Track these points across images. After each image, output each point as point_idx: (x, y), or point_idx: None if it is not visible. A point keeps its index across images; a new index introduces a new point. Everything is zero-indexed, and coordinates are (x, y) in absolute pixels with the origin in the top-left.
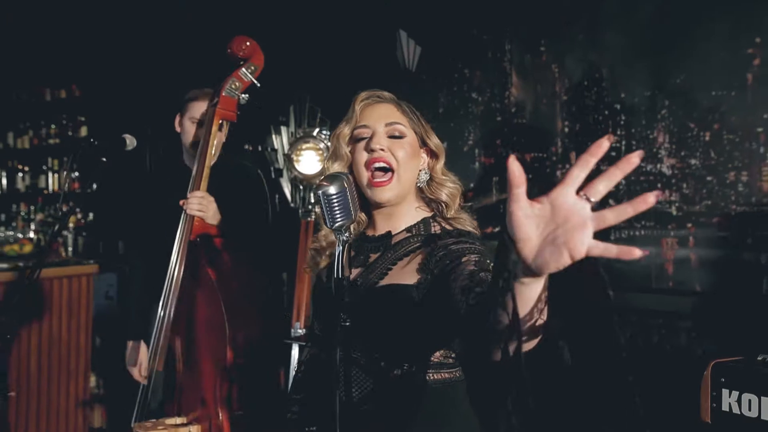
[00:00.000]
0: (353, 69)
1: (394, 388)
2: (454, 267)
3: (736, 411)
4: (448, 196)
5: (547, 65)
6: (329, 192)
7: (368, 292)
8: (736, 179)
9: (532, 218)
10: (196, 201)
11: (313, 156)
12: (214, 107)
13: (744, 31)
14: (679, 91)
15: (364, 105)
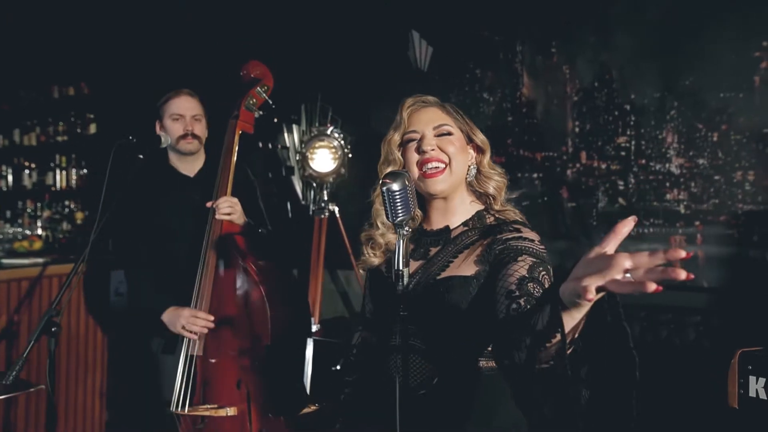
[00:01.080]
0: (365, 69)
1: (451, 375)
2: (509, 262)
3: (763, 396)
4: (495, 188)
5: (558, 66)
6: (393, 189)
7: (429, 283)
8: (743, 178)
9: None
10: (226, 204)
11: (327, 154)
12: (236, 119)
13: (752, 35)
14: (687, 93)
15: (411, 111)
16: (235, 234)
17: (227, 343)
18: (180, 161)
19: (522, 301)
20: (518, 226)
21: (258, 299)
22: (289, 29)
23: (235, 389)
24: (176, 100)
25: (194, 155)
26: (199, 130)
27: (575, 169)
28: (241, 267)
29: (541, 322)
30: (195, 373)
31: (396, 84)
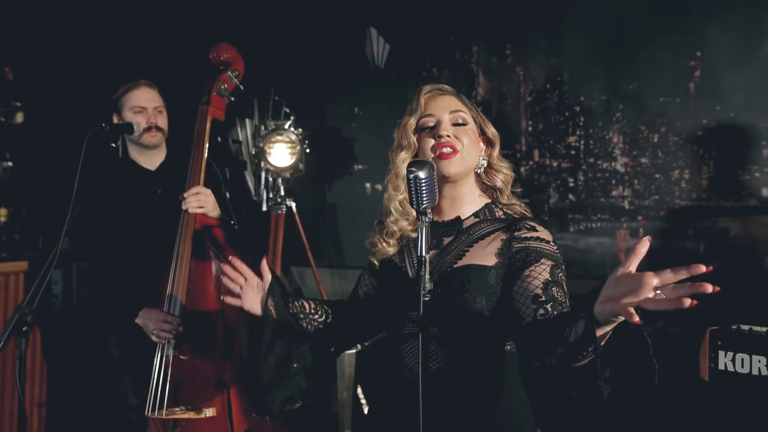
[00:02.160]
0: (321, 64)
1: (467, 361)
2: (531, 264)
3: (731, 369)
4: (502, 182)
5: (513, 68)
6: (420, 176)
7: (446, 271)
8: (680, 177)
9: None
10: (194, 198)
11: (285, 149)
12: (206, 105)
13: (687, 46)
14: (631, 97)
15: (428, 97)
16: (211, 227)
17: (205, 341)
18: (141, 155)
19: (549, 306)
20: (533, 224)
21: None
22: (243, 20)
23: (213, 389)
24: (136, 92)
25: (156, 148)
26: (162, 122)
27: (528, 167)
28: (217, 262)
29: (575, 334)
30: (170, 375)
31: (352, 80)
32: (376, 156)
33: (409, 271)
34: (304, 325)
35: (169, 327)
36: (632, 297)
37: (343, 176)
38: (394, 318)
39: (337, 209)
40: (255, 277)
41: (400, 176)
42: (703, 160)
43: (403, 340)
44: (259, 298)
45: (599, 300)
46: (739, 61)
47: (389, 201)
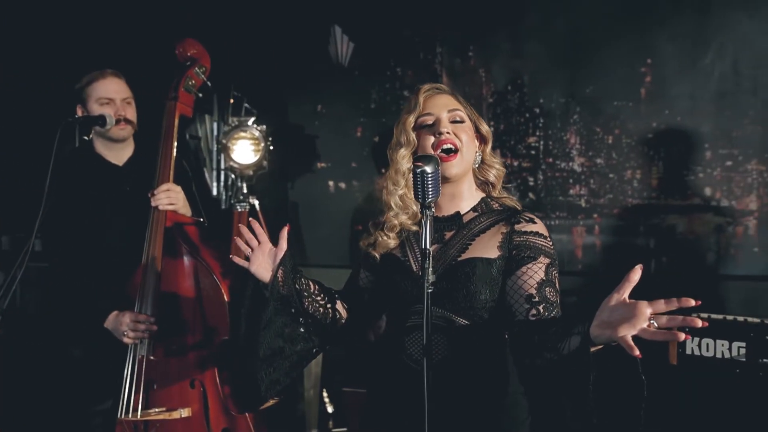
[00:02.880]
0: (284, 61)
1: (473, 351)
2: (529, 262)
3: (697, 353)
4: (495, 176)
5: (475, 69)
6: (427, 171)
7: (451, 264)
8: (632, 176)
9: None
10: (164, 195)
11: (248, 146)
12: (174, 101)
13: (639, 53)
14: (588, 100)
15: (427, 96)
16: (182, 224)
17: (179, 341)
18: (108, 149)
19: (541, 308)
20: (531, 216)
21: (213, 291)
22: (203, 14)
23: (188, 388)
24: (103, 82)
25: (124, 142)
26: (131, 114)
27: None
28: (191, 259)
29: (568, 348)
30: (143, 376)
31: (316, 78)
32: (340, 154)
33: (413, 265)
34: (305, 304)
35: (143, 327)
36: (629, 326)
37: (305, 174)
38: (396, 310)
39: (299, 207)
40: (269, 243)
41: (400, 172)
42: (653, 161)
43: (407, 331)
44: (269, 264)
45: (595, 323)
46: (685, 69)
47: (389, 196)
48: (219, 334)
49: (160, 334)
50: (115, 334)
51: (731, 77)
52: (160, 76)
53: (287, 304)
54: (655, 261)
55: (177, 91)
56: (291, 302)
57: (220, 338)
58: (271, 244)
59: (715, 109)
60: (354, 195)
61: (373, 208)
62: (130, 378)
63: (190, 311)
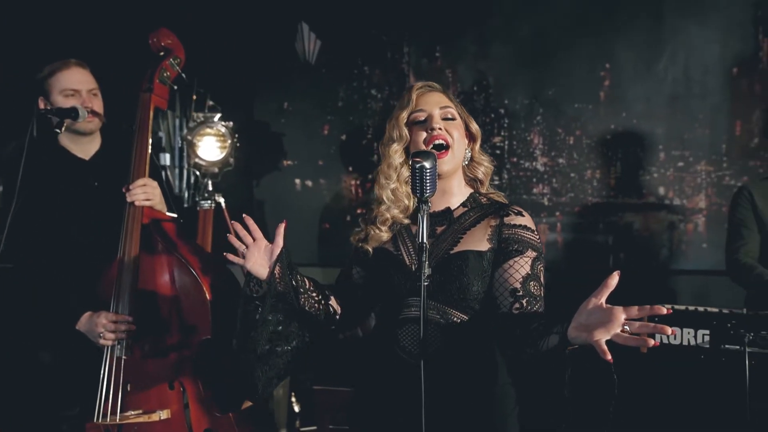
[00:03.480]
0: (249, 57)
1: (466, 342)
2: (516, 255)
3: (666, 341)
4: (483, 173)
5: (442, 70)
6: (426, 166)
7: (444, 258)
8: (592, 176)
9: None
10: (141, 190)
11: (214, 142)
12: (149, 93)
13: (598, 58)
14: (550, 102)
15: (420, 93)
16: (159, 221)
17: (157, 341)
18: (74, 143)
19: (524, 301)
20: (520, 209)
21: (194, 289)
22: (166, 6)
23: (166, 390)
24: (67, 72)
25: (91, 135)
26: (98, 106)
27: None
28: (170, 257)
29: (546, 345)
30: (121, 378)
31: (282, 75)
32: (306, 152)
33: (406, 259)
34: (302, 301)
35: (123, 328)
36: (603, 331)
37: (271, 172)
38: (389, 304)
39: (265, 205)
40: (264, 239)
41: (392, 167)
42: (611, 161)
43: (400, 324)
44: (265, 261)
45: (573, 325)
46: (641, 74)
47: (381, 190)
48: (200, 333)
49: (137, 335)
50: (89, 336)
51: (683, 82)
52: (122, 67)
53: (283, 301)
54: (613, 257)
55: (152, 83)
56: (287, 299)
57: (201, 337)
58: (266, 241)
59: (668, 113)
60: (321, 193)
61: (341, 207)
62: (107, 380)
63: (169, 310)
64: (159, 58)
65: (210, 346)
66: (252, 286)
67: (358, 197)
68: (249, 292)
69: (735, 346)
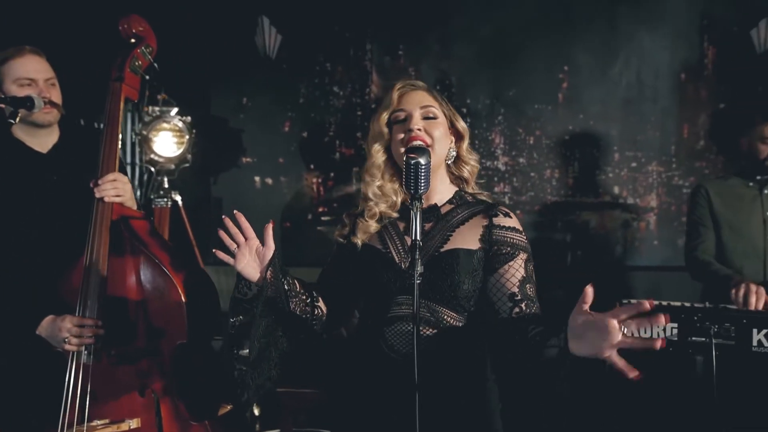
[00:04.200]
0: (206, 49)
1: (456, 340)
2: (511, 260)
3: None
4: (469, 172)
5: (405, 68)
6: (421, 162)
7: (434, 255)
8: (551, 176)
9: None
10: (111, 185)
11: (170, 138)
12: (119, 82)
13: (557, 60)
14: (511, 102)
15: (401, 92)
16: (129, 218)
17: (128, 346)
18: (30, 135)
19: (523, 305)
20: (508, 210)
21: (168, 291)
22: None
23: (137, 397)
24: (21, 60)
25: (48, 128)
26: (56, 96)
27: None
28: (142, 257)
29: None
30: (89, 386)
31: (241, 69)
32: (266, 149)
33: (395, 257)
34: (292, 306)
35: (90, 332)
36: (608, 346)
37: (230, 169)
38: (376, 302)
39: (223, 204)
40: (256, 240)
41: (376, 165)
42: (569, 161)
43: (389, 323)
44: (255, 262)
45: (572, 336)
46: (597, 77)
47: (366, 187)
48: (175, 337)
49: (106, 339)
50: (52, 341)
51: (635, 86)
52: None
53: (274, 306)
54: (571, 254)
55: (122, 71)
56: (278, 304)
57: (176, 341)
58: (258, 241)
59: (622, 115)
60: (282, 191)
61: (302, 205)
62: (71, 389)
63: (141, 313)
64: (130, 46)
65: (185, 350)
66: (241, 287)
67: (320, 195)
68: (238, 295)
69: (701, 338)
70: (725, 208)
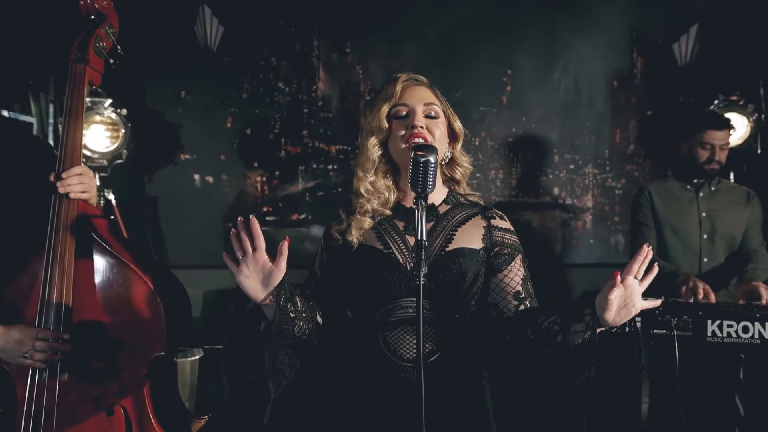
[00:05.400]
0: (141, 38)
1: (460, 341)
2: (510, 261)
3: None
4: (462, 174)
5: (353, 66)
6: (431, 161)
7: (440, 255)
8: (495, 176)
9: (617, 298)
10: (77, 180)
11: (103, 131)
12: (84, 64)
13: (501, 64)
14: (458, 103)
15: (404, 86)
16: (93, 217)
17: (96, 360)
18: None
19: (528, 302)
20: (501, 213)
21: (145, 299)
22: None
23: (104, 417)
24: None
25: None
26: None
27: None
28: (112, 260)
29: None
30: (56, 407)
31: (179, 61)
32: (207, 146)
33: (399, 258)
34: (296, 331)
35: (56, 346)
36: (636, 297)
37: (166, 166)
38: (376, 305)
39: (159, 202)
40: (264, 252)
41: (370, 160)
42: (513, 162)
43: (391, 327)
44: (258, 276)
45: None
46: (538, 83)
47: (359, 182)
48: (152, 349)
49: (71, 353)
50: (5, 356)
51: (573, 92)
52: None
53: (279, 335)
54: None
55: (86, 52)
56: (283, 332)
57: (152, 354)
58: (266, 257)
59: (561, 120)
60: (224, 189)
61: (246, 205)
62: (26, 410)
63: (113, 324)
64: (93, 24)
65: (163, 362)
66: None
67: (265, 194)
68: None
69: (662, 330)
70: (666, 208)
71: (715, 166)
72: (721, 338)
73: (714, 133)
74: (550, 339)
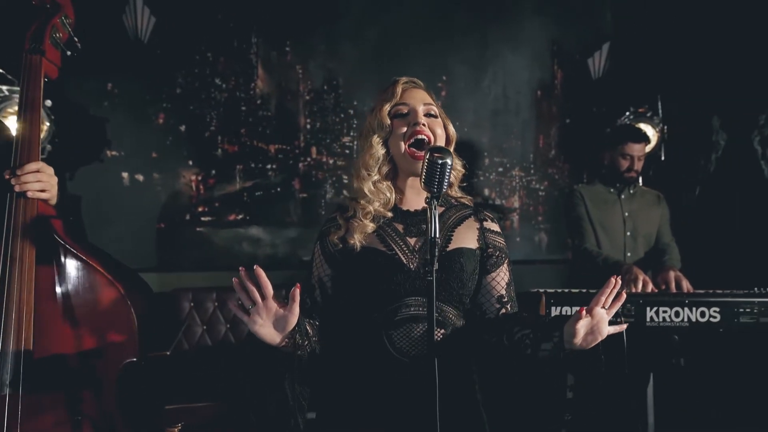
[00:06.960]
0: None
1: (460, 338)
2: (500, 263)
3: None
4: (454, 177)
5: (292, 65)
6: (448, 162)
7: (441, 255)
8: None
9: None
10: (34, 178)
11: None
12: (40, 56)
13: (437, 70)
14: None
15: (405, 87)
16: (51, 218)
17: (60, 370)
18: None
19: (508, 306)
20: (491, 215)
21: (115, 303)
22: None
23: (69, 429)
24: None
25: None
26: None
27: (306, 163)
28: (79, 263)
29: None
30: (20, 422)
31: (105, 50)
32: (137, 142)
33: (403, 258)
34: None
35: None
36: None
37: (91, 163)
38: (379, 306)
39: (82, 202)
40: (273, 300)
41: (374, 158)
42: None
43: (396, 326)
44: (270, 321)
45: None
46: (470, 89)
47: (362, 182)
48: (122, 356)
49: (32, 363)
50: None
51: (502, 99)
52: None
53: (299, 370)
54: None
55: (42, 43)
56: (302, 366)
57: (123, 360)
58: (276, 304)
59: (491, 125)
60: (155, 189)
61: (179, 204)
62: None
63: (80, 331)
64: (48, 14)
65: (134, 369)
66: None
67: (200, 194)
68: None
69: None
70: (595, 209)
71: (633, 174)
72: (658, 323)
73: (633, 145)
74: (521, 350)
